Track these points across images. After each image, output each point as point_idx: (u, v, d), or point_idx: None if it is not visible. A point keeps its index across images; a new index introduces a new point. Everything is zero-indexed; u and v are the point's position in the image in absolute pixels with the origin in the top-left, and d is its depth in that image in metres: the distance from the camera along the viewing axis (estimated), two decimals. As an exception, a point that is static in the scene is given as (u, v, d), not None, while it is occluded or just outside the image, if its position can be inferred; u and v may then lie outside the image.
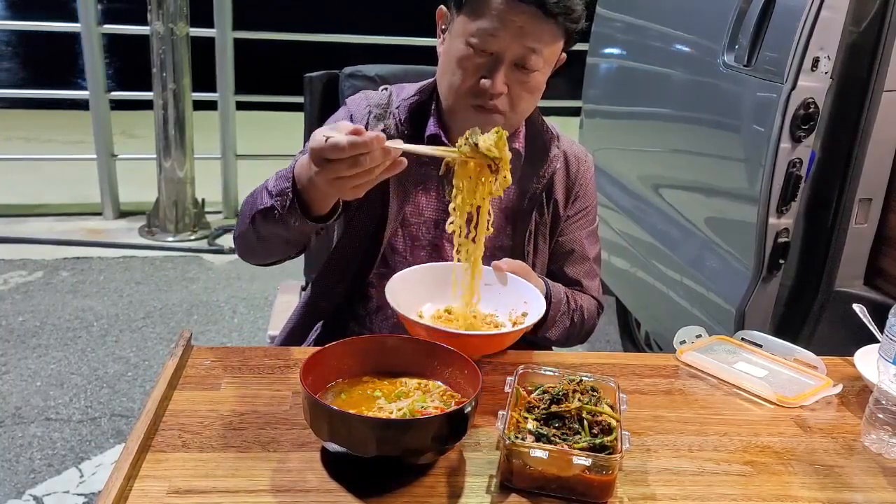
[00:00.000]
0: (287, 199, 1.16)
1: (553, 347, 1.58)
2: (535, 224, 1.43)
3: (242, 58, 4.36)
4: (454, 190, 1.17)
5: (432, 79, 1.40)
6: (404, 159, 1.07)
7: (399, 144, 1.06)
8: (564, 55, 1.36)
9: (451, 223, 1.19)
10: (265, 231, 1.24)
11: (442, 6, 1.34)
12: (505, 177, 1.16)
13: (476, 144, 1.12)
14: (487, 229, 1.21)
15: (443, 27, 1.35)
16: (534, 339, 1.40)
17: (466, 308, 1.24)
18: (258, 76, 5.73)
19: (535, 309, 1.25)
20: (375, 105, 1.40)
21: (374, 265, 1.41)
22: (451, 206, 1.18)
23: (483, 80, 1.27)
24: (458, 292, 1.24)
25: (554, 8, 1.22)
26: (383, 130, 1.36)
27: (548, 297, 1.34)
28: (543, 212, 1.43)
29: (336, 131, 1.02)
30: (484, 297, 1.26)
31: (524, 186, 1.41)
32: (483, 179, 1.15)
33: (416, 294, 1.27)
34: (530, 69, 1.27)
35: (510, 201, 1.42)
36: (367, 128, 1.35)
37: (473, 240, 1.20)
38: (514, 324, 1.26)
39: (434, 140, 1.37)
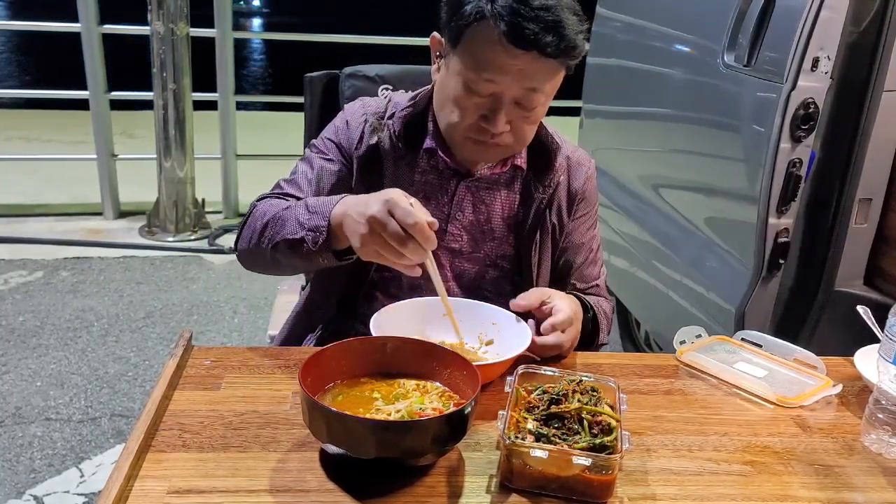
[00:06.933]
0: (321, 236, 1.17)
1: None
2: (539, 235, 1.41)
3: (243, 58, 4.35)
4: None
5: (426, 88, 1.38)
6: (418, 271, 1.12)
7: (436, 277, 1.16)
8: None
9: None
10: (285, 259, 1.25)
11: (436, 33, 1.30)
12: None
13: None
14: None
15: (437, 54, 1.32)
16: (589, 350, 1.39)
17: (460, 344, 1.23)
18: (258, 76, 5.73)
19: (506, 327, 1.25)
20: (372, 114, 1.38)
21: (370, 270, 1.40)
22: None
23: (483, 122, 1.24)
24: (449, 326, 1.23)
25: (554, 52, 1.17)
26: (377, 142, 1.35)
27: (587, 307, 1.37)
28: (546, 223, 1.41)
29: (419, 207, 1.07)
30: (447, 327, 1.24)
31: (528, 199, 1.40)
32: None
33: (403, 331, 1.20)
34: (531, 106, 1.24)
35: (513, 211, 1.40)
36: (361, 138, 1.37)
37: None
38: (488, 344, 1.25)
39: (430, 154, 1.37)
